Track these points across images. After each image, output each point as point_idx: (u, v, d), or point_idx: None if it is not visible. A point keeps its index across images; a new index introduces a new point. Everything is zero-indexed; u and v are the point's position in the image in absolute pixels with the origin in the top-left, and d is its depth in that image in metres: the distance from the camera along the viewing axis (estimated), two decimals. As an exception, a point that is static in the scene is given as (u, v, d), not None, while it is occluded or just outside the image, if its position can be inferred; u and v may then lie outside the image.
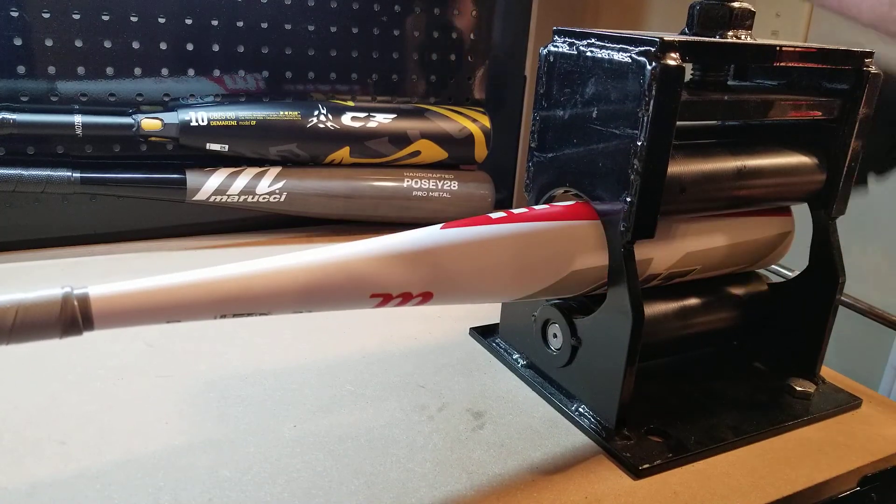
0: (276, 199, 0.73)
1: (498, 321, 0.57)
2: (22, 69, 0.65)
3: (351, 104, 0.77)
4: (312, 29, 0.76)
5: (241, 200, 0.72)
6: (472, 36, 0.85)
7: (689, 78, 0.47)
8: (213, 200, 0.71)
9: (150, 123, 0.68)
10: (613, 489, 0.41)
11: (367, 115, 0.76)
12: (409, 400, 0.48)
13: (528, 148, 0.49)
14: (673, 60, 0.39)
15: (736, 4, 0.46)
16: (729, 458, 0.45)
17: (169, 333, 0.54)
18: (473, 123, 0.81)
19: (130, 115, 0.68)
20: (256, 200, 0.73)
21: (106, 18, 0.67)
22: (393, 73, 0.83)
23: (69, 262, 0.67)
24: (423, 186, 0.79)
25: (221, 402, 0.46)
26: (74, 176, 0.66)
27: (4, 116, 0.63)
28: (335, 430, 0.44)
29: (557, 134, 0.47)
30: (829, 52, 0.47)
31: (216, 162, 0.72)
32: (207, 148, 0.70)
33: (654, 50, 0.39)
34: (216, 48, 0.73)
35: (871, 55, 0.48)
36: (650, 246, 0.47)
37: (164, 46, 0.70)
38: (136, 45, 0.69)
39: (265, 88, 0.76)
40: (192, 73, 0.72)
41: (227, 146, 0.71)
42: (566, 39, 0.45)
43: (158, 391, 0.47)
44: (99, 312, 0.32)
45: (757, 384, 0.53)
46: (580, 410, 0.47)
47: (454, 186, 0.80)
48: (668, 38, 0.39)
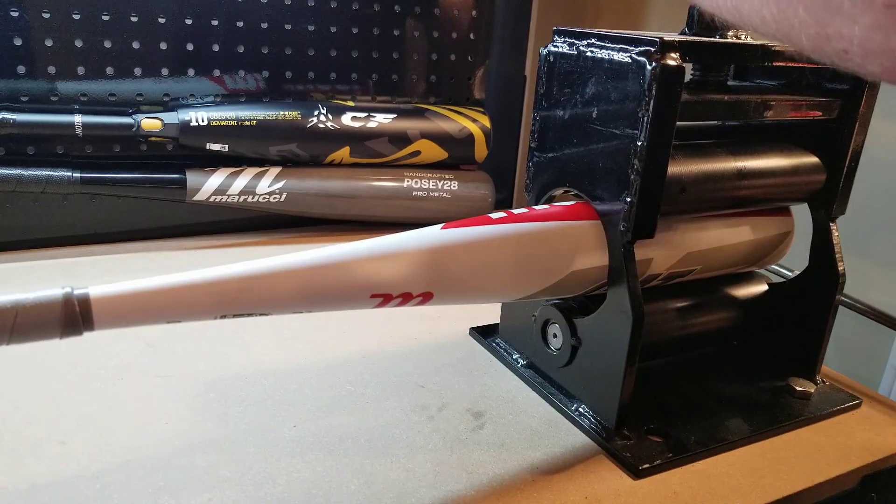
0: (276, 199, 0.73)
1: (498, 321, 0.57)
2: (22, 69, 0.65)
3: (351, 104, 0.77)
4: (312, 29, 0.76)
5: (241, 200, 0.72)
6: (472, 36, 0.85)
7: (689, 78, 0.47)
8: (213, 200, 0.71)
9: (150, 123, 0.68)
10: (613, 489, 0.41)
11: (367, 115, 0.76)
12: (409, 400, 0.48)
13: (528, 148, 0.49)
14: (673, 60, 0.39)
15: (736, 4, 0.45)
16: (729, 458, 0.45)
17: (169, 333, 0.54)
18: (473, 123, 0.81)
19: (130, 115, 0.68)
20: (256, 200, 0.73)
21: (106, 18, 0.67)
22: (393, 73, 0.83)
23: (69, 262, 0.67)
24: (423, 186, 0.79)
25: (221, 402, 0.46)
26: (74, 176, 0.66)
27: (4, 116, 0.63)
28: (335, 430, 0.44)
29: (557, 134, 0.47)
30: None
31: (216, 162, 0.72)
32: (207, 148, 0.70)
33: (654, 50, 0.39)
34: (216, 48, 0.73)
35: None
36: (650, 246, 0.47)
37: (164, 46, 0.70)
38: (136, 45, 0.69)
39: (265, 88, 0.76)
40: (192, 73, 0.72)
41: (227, 146, 0.71)
42: (566, 39, 0.45)
43: (158, 391, 0.47)
44: (99, 313, 0.32)
45: (757, 384, 0.53)
46: (580, 410, 0.47)
47: (454, 186, 0.80)
48: (668, 38, 0.39)
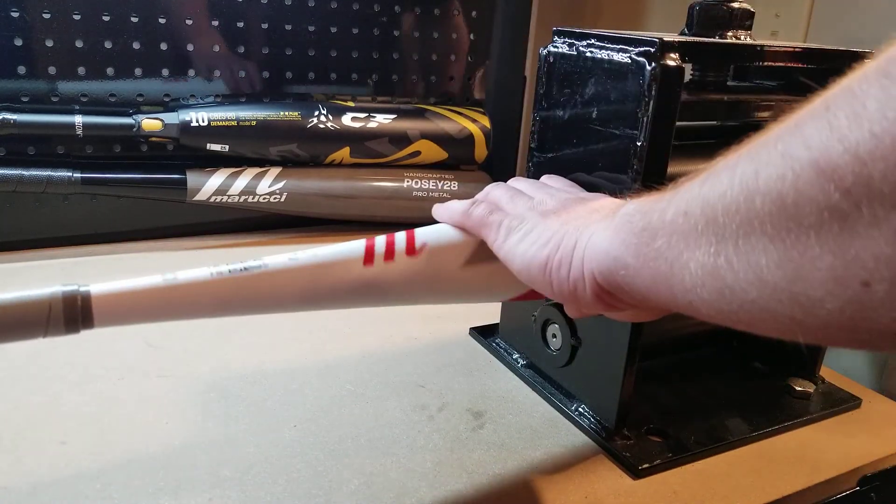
0: (276, 199, 0.73)
1: (498, 321, 0.57)
2: (22, 69, 0.65)
3: (351, 104, 0.77)
4: (312, 29, 0.76)
5: (241, 200, 0.72)
6: (472, 36, 0.85)
7: (688, 78, 0.47)
8: (213, 201, 0.71)
9: (150, 124, 0.68)
10: (613, 489, 0.41)
11: (367, 115, 0.76)
12: (409, 400, 0.48)
13: (528, 148, 0.49)
14: (672, 61, 0.39)
15: (735, 5, 0.46)
16: (729, 458, 0.45)
17: (170, 333, 0.54)
18: (473, 123, 0.81)
19: (131, 115, 0.68)
20: (257, 200, 0.73)
21: (106, 19, 0.67)
22: (393, 73, 0.83)
23: (69, 261, 0.67)
24: (423, 186, 0.79)
25: (222, 402, 0.46)
26: (75, 176, 0.66)
27: (5, 117, 0.63)
28: (335, 430, 0.44)
29: (557, 134, 0.47)
30: (828, 52, 0.47)
31: (216, 162, 0.72)
32: (208, 148, 0.70)
33: (653, 50, 0.39)
34: (216, 48, 0.73)
35: (870, 55, 0.48)
36: None
37: (164, 47, 0.70)
38: (136, 45, 0.69)
39: (265, 88, 0.76)
40: (192, 73, 0.72)
41: (227, 146, 0.71)
42: (566, 40, 0.45)
43: (158, 391, 0.47)
44: (100, 310, 0.32)
45: (757, 384, 0.53)
46: (580, 410, 0.47)
47: (454, 186, 0.80)
48: (667, 38, 0.39)
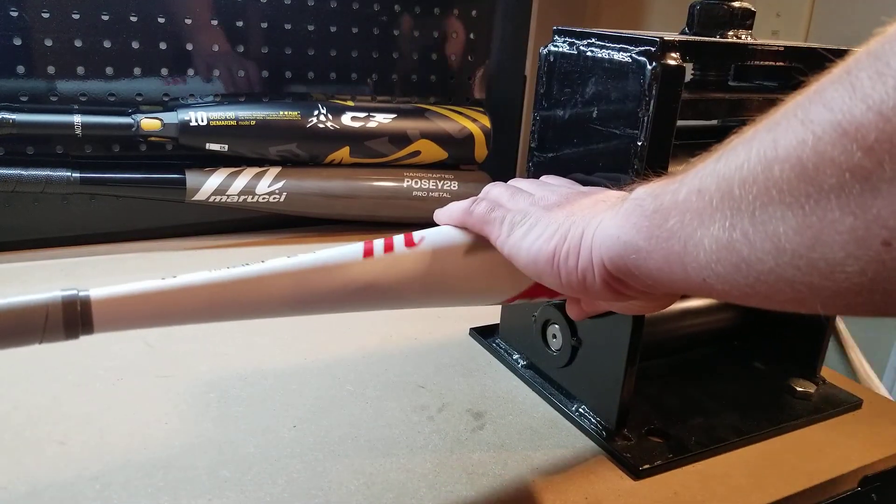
0: (275, 199, 0.73)
1: (498, 321, 0.57)
2: (21, 69, 0.65)
3: (351, 104, 0.77)
4: (312, 29, 0.76)
5: (240, 200, 0.72)
6: (471, 36, 0.85)
7: (689, 78, 0.47)
8: (212, 200, 0.71)
9: (149, 123, 0.68)
10: (614, 490, 0.41)
11: (367, 115, 0.76)
12: (409, 400, 0.48)
13: (528, 148, 0.49)
14: (673, 60, 0.39)
15: (736, 4, 0.45)
16: (729, 458, 0.45)
17: (169, 333, 0.54)
18: (473, 123, 0.80)
19: (130, 114, 0.68)
20: (256, 200, 0.73)
21: (105, 18, 0.67)
22: (393, 73, 0.83)
23: (69, 262, 0.67)
24: (423, 186, 0.79)
25: (221, 402, 0.46)
26: (74, 176, 0.66)
27: (4, 116, 0.63)
28: (335, 430, 0.44)
29: (557, 134, 0.47)
30: (829, 51, 0.46)
31: (216, 162, 0.72)
32: (207, 148, 0.70)
33: (654, 50, 0.39)
34: (216, 48, 0.73)
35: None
36: None
37: (163, 46, 0.70)
38: (135, 44, 0.69)
39: (265, 88, 0.76)
40: (191, 72, 0.72)
41: (226, 146, 0.71)
42: (566, 39, 0.45)
43: (158, 391, 0.47)
44: (99, 316, 0.31)
45: (757, 384, 0.52)
46: (580, 411, 0.47)
47: (454, 186, 0.80)
48: (668, 37, 0.39)
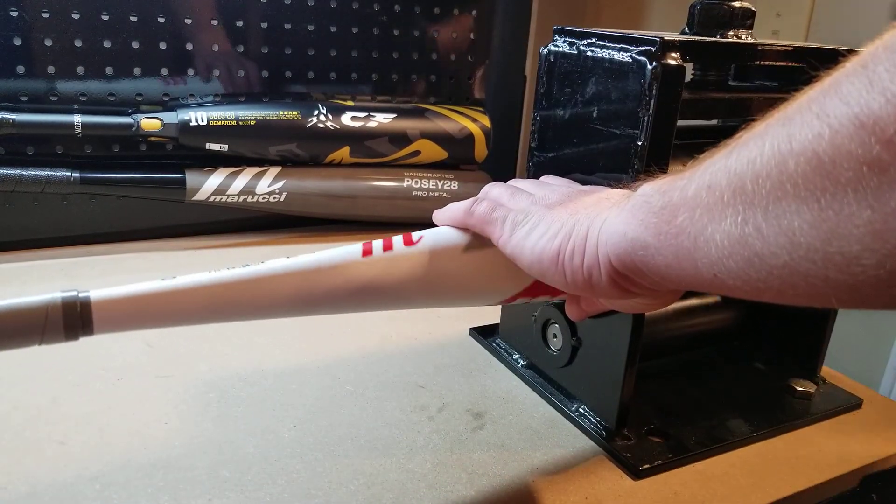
0: (275, 199, 0.73)
1: (498, 321, 0.57)
2: (21, 69, 0.65)
3: (351, 104, 0.77)
4: (312, 29, 0.76)
5: (240, 200, 0.72)
6: (472, 36, 0.85)
7: (689, 78, 0.47)
8: (212, 200, 0.71)
9: (149, 123, 0.68)
10: (614, 490, 0.41)
11: (366, 114, 0.76)
12: (409, 400, 0.48)
13: (528, 148, 0.49)
14: (673, 60, 0.39)
15: (736, 4, 0.45)
16: (729, 458, 0.45)
17: (169, 333, 0.53)
18: (473, 123, 0.80)
19: (130, 114, 0.68)
20: (256, 200, 0.73)
21: (105, 18, 0.67)
22: (393, 72, 0.83)
23: (69, 262, 0.67)
24: (423, 186, 0.79)
25: (221, 402, 0.46)
26: (74, 176, 0.66)
27: (4, 116, 0.63)
28: (335, 430, 0.44)
29: (558, 134, 0.47)
30: (829, 51, 0.46)
31: (216, 162, 0.72)
32: (207, 148, 0.70)
33: (654, 49, 0.39)
34: (216, 48, 0.73)
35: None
36: None
37: (163, 46, 0.70)
38: (135, 44, 0.69)
39: (265, 88, 0.76)
40: (191, 72, 0.72)
41: (226, 146, 0.71)
42: (566, 39, 0.45)
43: (158, 391, 0.47)
44: (99, 318, 0.31)
45: (757, 384, 0.52)
46: (580, 411, 0.47)
47: (454, 186, 0.80)
48: (668, 37, 0.39)
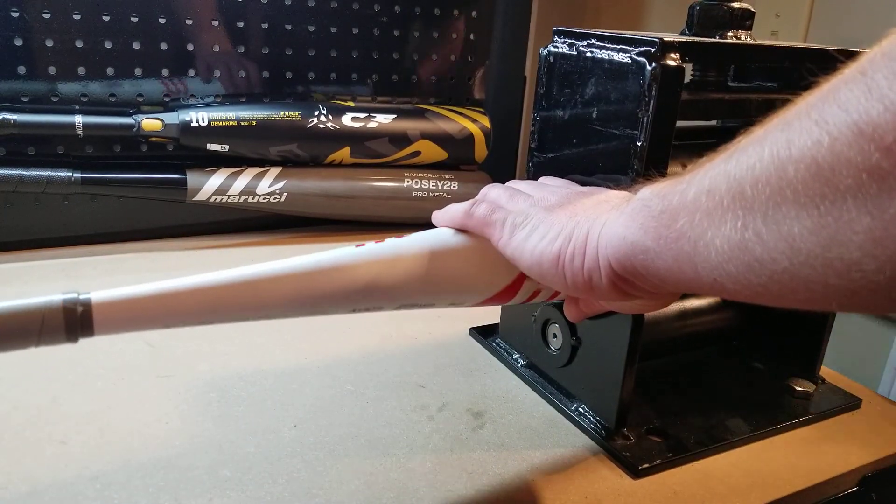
0: (276, 199, 0.73)
1: (498, 321, 0.57)
2: (23, 69, 0.65)
3: (351, 104, 0.77)
4: (313, 29, 0.76)
5: (241, 201, 0.72)
6: (471, 36, 0.85)
7: (689, 78, 0.47)
8: (213, 201, 0.71)
9: (150, 124, 0.68)
10: (613, 489, 0.41)
11: (367, 115, 0.76)
12: (409, 400, 0.48)
13: (528, 148, 0.49)
14: (673, 61, 0.39)
15: (735, 5, 0.46)
16: (729, 458, 0.45)
17: (170, 333, 0.53)
18: (473, 123, 0.81)
19: (131, 115, 0.68)
20: (257, 201, 0.73)
21: (106, 19, 0.67)
22: (393, 73, 0.83)
23: (69, 262, 0.67)
24: (423, 186, 0.79)
25: (221, 402, 0.46)
26: (75, 176, 0.66)
27: (5, 117, 0.63)
28: (335, 430, 0.44)
29: (557, 134, 0.47)
30: (829, 52, 0.47)
31: (217, 162, 0.72)
32: (208, 148, 0.70)
33: (653, 50, 0.39)
34: (216, 48, 0.73)
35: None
36: None
37: (164, 47, 0.70)
38: (136, 45, 0.69)
39: (266, 89, 0.76)
40: (192, 73, 0.72)
41: (227, 146, 0.71)
42: (566, 40, 0.45)
43: (159, 391, 0.47)
44: (100, 319, 0.31)
45: (757, 384, 0.53)
46: (580, 410, 0.47)
47: (454, 186, 0.80)
48: (667, 38, 0.39)
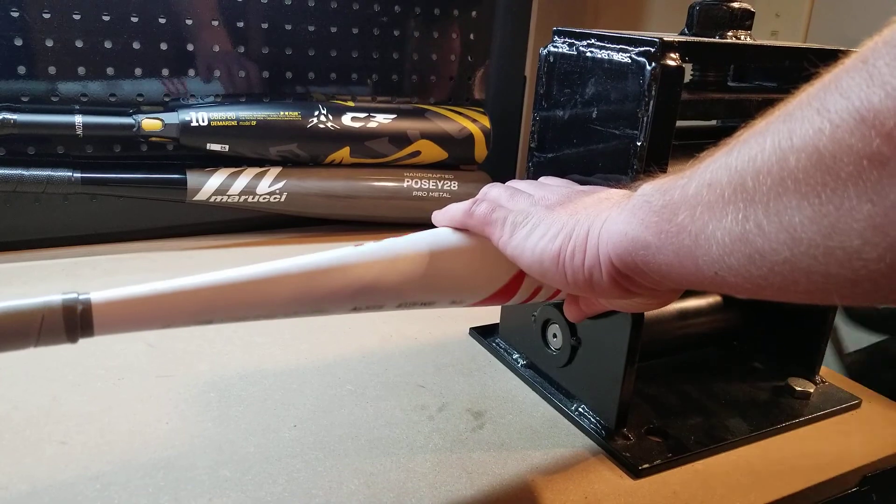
0: (276, 199, 0.73)
1: (498, 321, 0.57)
2: (23, 69, 0.65)
3: (351, 104, 0.77)
4: (312, 29, 0.76)
5: (241, 200, 0.72)
6: (471, 36, 0.85)
7: (688, 78, 0.47)
8: (213, 200, 0.71)
9: (150, 123, 0.68)
10: (613, 489, 0.41)
11: (367, 115, 0.76)
12: (409, 400, 0.48)
13: (528, 148, 0.49)
14: (673, 61, 0.39)
15: (735, 5, 0.46)
16: (729, 458, 0.45)
17: (169, 333, 0.53)
18: (473, 123, 0.81)
19: (131, 115, 0.68)
20: (257, 200, 0.73)
21: (106, 19, 0.67)
22: (393, 73, 0.83)
23: (69, 262, 0.67)
24: (423, 186, 0.79)
25: (221, 402, 0.46)
26: (75, 176, 0.66)
27: (5, 117, 0.63)
28: (335, 430, 0.44)
29: (557, 134, 0.47)
30: (828, 52, 0.47)
31: (217, 162, 0.72)
32: (208, 148, 0.70)
33: (653, 50, 0.39)
34: (216, 48, 0.73)
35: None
36: None
37: (164, 47, 0.70)
38: (136, 45, 0.69)
39: (266, 89, 0.76)
40: (192, 73, 0.72)
41: (227, 146, 0.71)
42: (566, 40, 0.45)
43: (159, 391, 0.47)
44: (100, 320, 0.31)
45: (757, 384, 0.52)
46: (580, 410, 0.47)
47: (454, 186, 0.80)
48: (667, 38, 0.39)
